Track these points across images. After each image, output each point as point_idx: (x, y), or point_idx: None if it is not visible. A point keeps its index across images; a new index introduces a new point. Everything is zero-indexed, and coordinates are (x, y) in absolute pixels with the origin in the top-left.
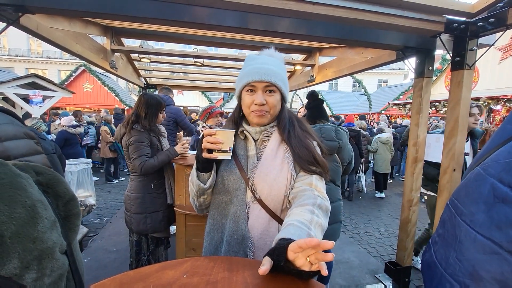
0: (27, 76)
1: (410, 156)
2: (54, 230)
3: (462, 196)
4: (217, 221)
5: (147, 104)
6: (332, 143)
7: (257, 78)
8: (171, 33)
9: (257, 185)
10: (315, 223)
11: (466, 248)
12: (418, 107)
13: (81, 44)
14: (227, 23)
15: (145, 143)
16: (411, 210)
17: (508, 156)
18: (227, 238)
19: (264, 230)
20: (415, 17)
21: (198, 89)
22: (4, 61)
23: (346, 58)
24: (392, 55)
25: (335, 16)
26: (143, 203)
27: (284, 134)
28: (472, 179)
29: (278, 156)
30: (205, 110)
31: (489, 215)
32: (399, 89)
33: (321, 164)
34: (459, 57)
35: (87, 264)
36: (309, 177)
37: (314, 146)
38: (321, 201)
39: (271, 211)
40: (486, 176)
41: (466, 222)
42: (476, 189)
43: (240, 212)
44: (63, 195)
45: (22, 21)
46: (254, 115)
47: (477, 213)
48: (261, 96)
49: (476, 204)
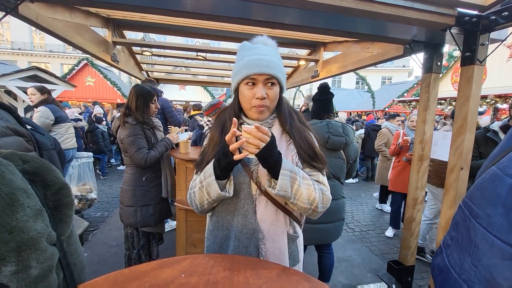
0: (29, 69)
1: (416, 153)
2: (39, 220)
3: (477, 198)
4: (222, 218)
5: (136, 95)
6: (340, 139)
7: (258, 70)
8: (173, 25)
9: (261, 177)
10: (307, 179)
11: (483, 253)
12: (426, 103)
13: (82, 36)
14: (229, 14)
15: (141, 135)
16: (416, 208)
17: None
18: (236, 234)
19: (273, 221)
20: (425, 9)
21: (200, 84)
22: (7, 55)
23: (351, 53)
24: (399, 50)
25: (343, 7)
26: (134, 196)
27: (286, 125)
28: (488, 179)
29: (281, 147)
30: (213, 105)
31: (508, 218)
32: (404, 86)
33: (320, 158)
34: (470, 52)
35: (87, 258)
36: (316, 173)
37: (312, 139)
38: (326, 191)
39: (277, 202)
40: (504, 177)
41: (482, 225)
42: (493, 190)
43: (248, 206)
44: (52, 183)
45: (21, 10)
46: (254, 111)
47: (494, 216)
48: (263, 90)
49: (493, 206)
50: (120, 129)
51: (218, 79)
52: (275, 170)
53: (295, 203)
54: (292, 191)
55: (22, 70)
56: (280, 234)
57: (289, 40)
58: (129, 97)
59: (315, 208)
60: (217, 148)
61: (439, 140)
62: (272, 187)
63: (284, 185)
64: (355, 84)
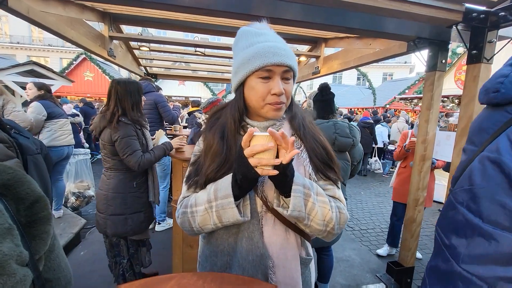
0: (26, 63)
1: (418, 153)
2: (6, 240)
3: (443, 226)
4: (223, 241)
5: (128, 92)
6: (347, 140)
7: (277, 60)
8: (172, 20)
9: (268, 191)
10: (322, 195)
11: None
12: (429, 102)
13: (76, 30)
14: (229, 8)
15: (134, 136)
16: (417, 209)
17: (469, 181)
18: (240, 261)
19: (283, 243)
20: (432, 5)
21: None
22: (6, 49)
23: (353, 50)
24: (402, 47)
25: (346, 2)
26: (124, 204)
27: (300, 129)
28: (447, 207)
29: None
30: (211, 102)
31: (470, 249)
32: (405, 83)
33: (337, 167)
34: (477, 49)
35: (83, 257)
36: (331, 187)
37: (327, 143)
38: (343, 209)
39: (287, 220)
40: (456, 205)
41: (452, 257)
42: (452, 218)
43: (254, 227)
44: (25, 197)
45: (11, 3)
46: (270, 108)
47: (458, 246)
48: (280, 84)
49: (457, 236)
50: (109, 129)
51: (218, 74)
52: (287, 186)
53: (309, 225)
54: (306, 211)
55: (19, 64)
56: (292, 259)
57: (290, 35)
58: (115, 95)
59: (331, 230)
60: (220, 159)
61: (442, 140)
62: (282, 206)
63: (298, 204)
64: (356, 80)
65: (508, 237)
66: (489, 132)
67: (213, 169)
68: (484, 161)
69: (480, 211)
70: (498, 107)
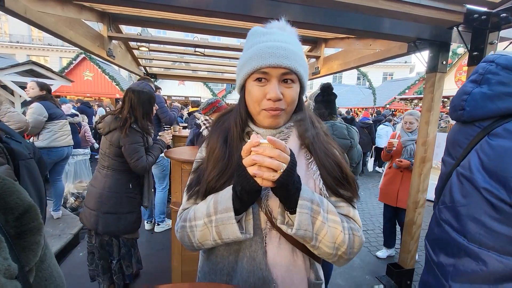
0: (25, 63)
1: (418, 155)
2: None
3: (431, 241)
4: (222, 258)
5: (141, 102)
6: (345, 141)
7: (272, 61)
8: (171, 20)
9: (272, 205)
10: (333, 213)
11: None
12: (429, 104)
13: (75, 31)
14: (228, 9)
15: (141, 142)
16: (417, 211)
17: (450, 198)
18: (240, 282)
19: (289, 264)
20: (433, 6)
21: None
22: (6, 48)
23: (353, 50)
24: (403, 48)
25: (347, 3)
26: (119, 203)
27: (308, 137)
28: (434, 222)
29: (300, 167)
30: (210, 103)
31: (457, 267)
32: (405, 83)
33: (351, 183)
34: (478, 51)
35: (82, 258)
36: (344, 205)
37: (340, 156)
38: (358, 231)
39: (294, 240)
40: (441, 222)
41: (441, 275)
42: (438, 235)
43: (257, 245)
44: (14, 207)
45: (7, 3)
46: (265, 115)
47: (447, 265)
48: (277, 88)
49: (444, 255)
50: (119, 132)
51: (218, 74)
52: (293, 200)
53: (317, 246)
54: (313, 230)
55: (18, 64)
56: (299, 284)
57: None
58: (131, 104)
59: (342, 255)
60: (222, 166)
61: (443, 142)
62: (286, 224)
63: (304, 222)
64: (356, 80)
65: (494, 257)
66: (462, 146)
67: (214, 176)
68: (460, 178)
69: (463, 231)
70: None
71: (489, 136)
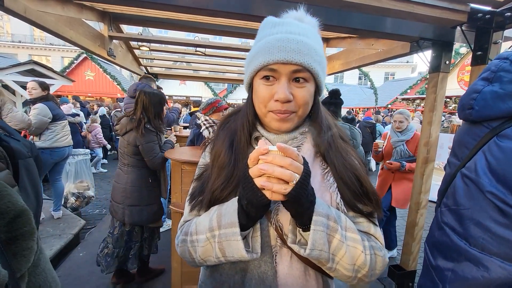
0: (26, 63)
1: (421, 156)
2: None
3: (430, 244)
4: (228, 277)
5: (152, 103)
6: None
7: (281, 57)
8: (172, 19)
9: (283, 220)
10: (352, 231)
11: None
12: (432, 104)
13: (75, 30)
14: (229, 9)
15: (156, 141)
16: (419, 213)
17: (453, 200)
18: None
19: (301, 287)
20: (436, 5)
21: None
22: (8, 48)
23: (355, 50)
24: (405, 47)
25: (350, 2)
26: (141, 196)
27: (323, 145)
28: (435, 224)
29: (315, 179)
30: (210, 103)
31: (455, 272)
32: (407, 82)
33: (372, 197)
34: (482, 50)
35: (82, 258)
36: (364, 222)
37: (359, 167)
38: (380, 251)
39: (307, 258)
40: (442, 225)
41: (438, 279)
42: (439, 238)
43: (267, 266)
44: (5, 211)
45: (7, 3)
46: (272, 117)
47: (445, 269)
48: (286, 88)
49: (443, 258)
50: (135, 132)
51: (219, 74)
52: (306, 216)
53: (334, 268)
54: (330, 250)
55: (19, 64)
56: None
57: None
58: (141, 104)
59: (363, 277)
60: (227, 173)
61: (445, 142)
62: (298, 243)
63: (319, 241)
64: (358, 80)
65: (496, 263)
66: (468, 147)
67: (219, 185)
68: (465, 179)
69: (466, 235)
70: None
71: (498, 137)
